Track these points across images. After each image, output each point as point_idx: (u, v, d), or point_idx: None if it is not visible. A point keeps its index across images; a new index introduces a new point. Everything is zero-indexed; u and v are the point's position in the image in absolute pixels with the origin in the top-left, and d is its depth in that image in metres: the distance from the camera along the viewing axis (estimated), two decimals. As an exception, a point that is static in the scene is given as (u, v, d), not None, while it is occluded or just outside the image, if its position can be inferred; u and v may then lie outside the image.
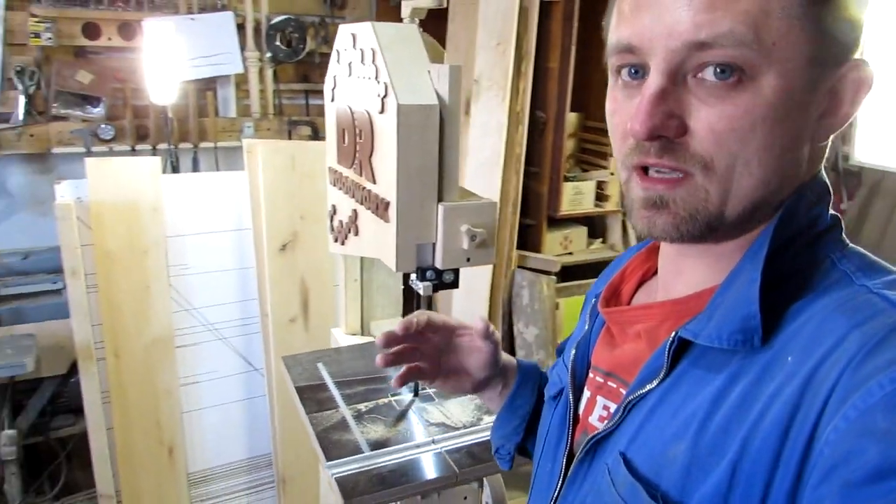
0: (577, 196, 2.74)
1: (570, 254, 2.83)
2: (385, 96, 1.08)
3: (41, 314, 2.19)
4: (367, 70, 1.14)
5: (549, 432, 0.74)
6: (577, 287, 2.78)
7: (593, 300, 0.74)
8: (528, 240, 2.76)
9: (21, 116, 2.39)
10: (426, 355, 0.89)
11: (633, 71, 0.55)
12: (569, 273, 2.81)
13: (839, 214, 0.58)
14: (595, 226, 3.03)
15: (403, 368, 0.87)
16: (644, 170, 0.55)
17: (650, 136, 0.52)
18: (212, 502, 2.26)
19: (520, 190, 2.56)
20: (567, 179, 2.71)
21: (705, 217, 0.54)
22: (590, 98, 2.84)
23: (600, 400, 0.67)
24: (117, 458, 2.07)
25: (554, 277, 2.63)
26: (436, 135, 1.06)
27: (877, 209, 2.91)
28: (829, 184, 0.58)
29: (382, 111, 1.09)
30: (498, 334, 0.88)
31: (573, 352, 0.73)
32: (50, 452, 2.38)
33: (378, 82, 1.10)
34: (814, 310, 0.51)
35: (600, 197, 2.84)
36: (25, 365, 1.88)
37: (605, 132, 3.23)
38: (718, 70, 0.50)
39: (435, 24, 2.46)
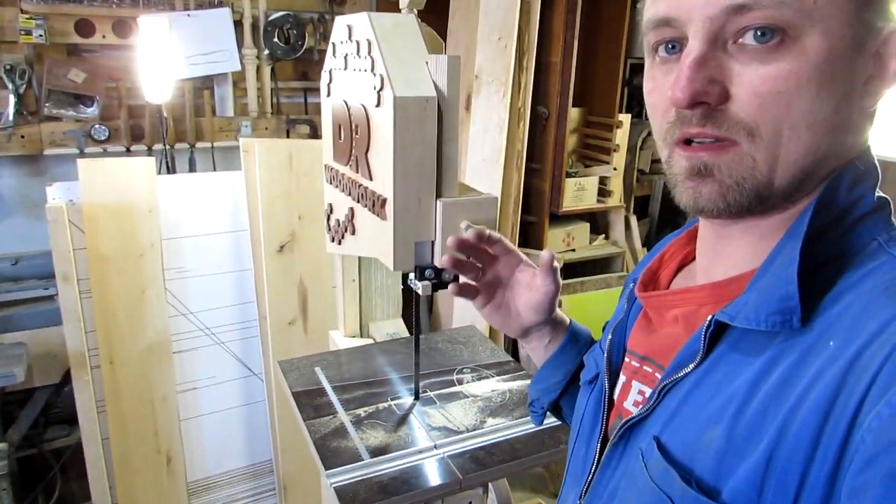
0: (579, 192, 2.70)
1: (573, 250, 2.80)
2: (381, 89, 1.03)
3: (33, 321, 2.13)
4: (363, 62, 1.10)
5: (583, 417, 0.73)
6: (579, 284, 2.75)
7: (631, 285, 0.73)
8: (531, 237, 2.72)
9: (11, 117, 2.33)
10: (485, 279, 0.89)
11: (670, 46, 0.55)
12: (571, 270, 2.78)
13: (887, 196, 0.56)
14: (598, 222, 2.99)
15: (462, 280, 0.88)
16: (687, 142, 0.54)
17: (692, 103, 0.51)
18: (212, 511, 2.21)
19: (521, 187, 2.51)
20: (569, 175, 2.66)
21: (753, 186, 0.52)
22: (593, 93, 2.77)
23: (636, 384, 0.67)
24: (114, 469, 2.02)
25: (557, 275, 2.59)
26: (434, 128, 1.03)
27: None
28: (876, 162, 0.55)
29: (379, 104, 1.05)
30: (560, 280, 0.87)
31: (609, 336, 0.72)
32: (43, 465, 2.31)
33: (374, 74, 1.05)
34: (858, 293, 0.49)
35: (603, 193, 2.81)
36: (15, 375, 1.83)
37: (608, 127, 3.13)
38: (759, 33, 0.49)
39: (435, 20, 2.41)
